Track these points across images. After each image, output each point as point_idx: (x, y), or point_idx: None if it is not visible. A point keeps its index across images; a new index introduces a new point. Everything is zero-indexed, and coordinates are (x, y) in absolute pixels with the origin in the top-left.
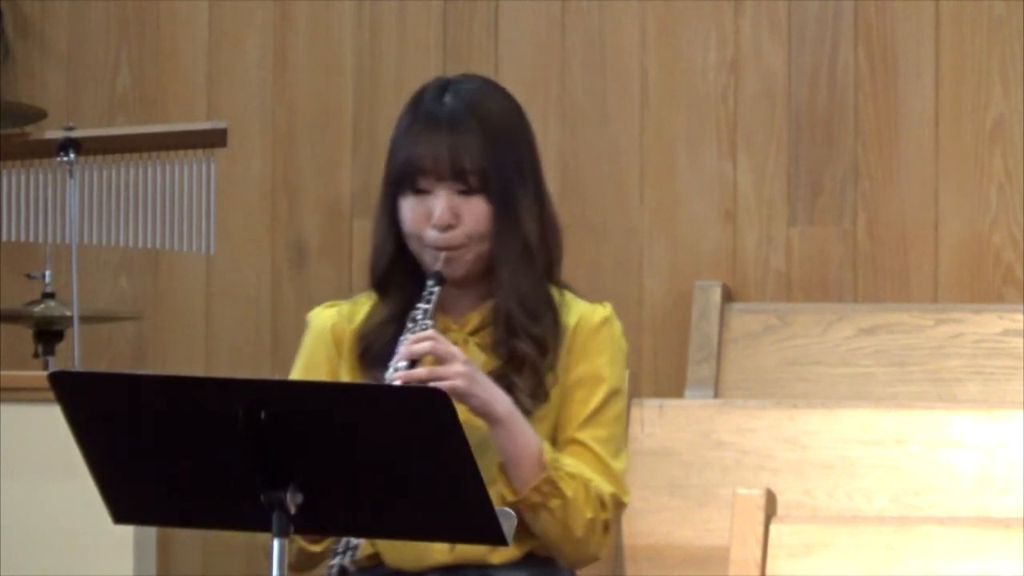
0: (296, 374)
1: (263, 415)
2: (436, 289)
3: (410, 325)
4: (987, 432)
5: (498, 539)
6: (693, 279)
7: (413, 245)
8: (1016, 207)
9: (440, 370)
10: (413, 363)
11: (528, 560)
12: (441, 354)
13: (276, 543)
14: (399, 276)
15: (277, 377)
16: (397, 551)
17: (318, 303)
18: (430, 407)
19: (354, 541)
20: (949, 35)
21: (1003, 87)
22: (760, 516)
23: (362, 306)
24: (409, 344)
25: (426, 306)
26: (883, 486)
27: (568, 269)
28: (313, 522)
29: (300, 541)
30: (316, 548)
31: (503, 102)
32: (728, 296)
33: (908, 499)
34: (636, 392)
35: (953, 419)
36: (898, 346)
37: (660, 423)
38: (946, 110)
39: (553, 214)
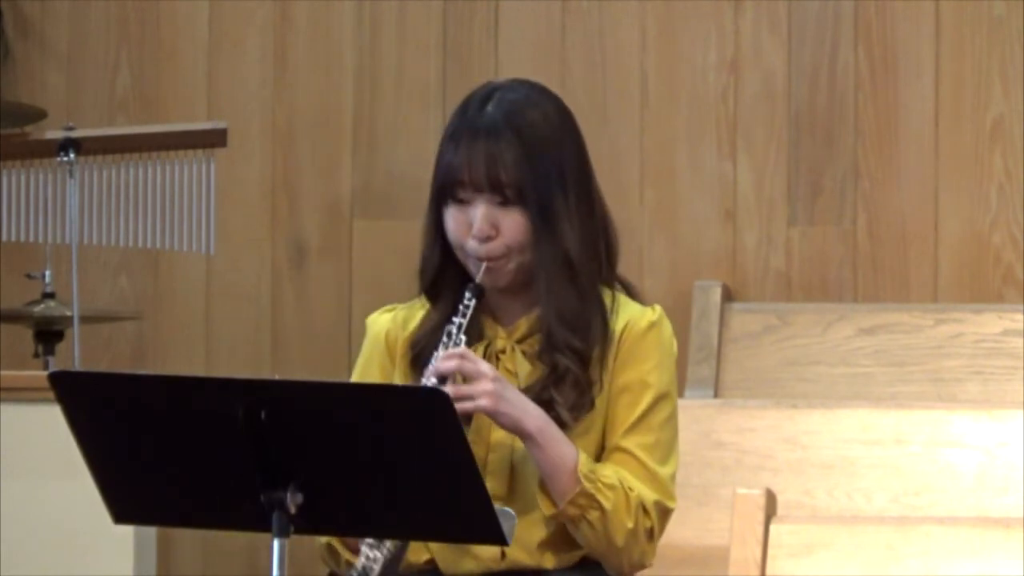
0: (353, 379)
1: (263, 415)
2: (472, 303)
3: (444, 340)
4: (987, 432)
5: (498, 539)
6: (693, 279)
7: (459, 254)
8: (1016, 207)
9: (466, 388)
10: (444, 380)
11: (582, 564)
12: (469, 372)
13: (276, 543)
14: (449, 283)
15: (277, 377)
16: (452, 557)
17: (318, 303)
18: (430, 407)
19: (371, 564)
20: (949, 35)
21: (1003, 87)
22: (760, 516)
23: (417, 311)
24: (439, 362)
25: (461, 320)
26: (883, 486)
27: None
28: (313, 522)
29: (347, 554)
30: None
31: (546, 111)
32: (728, 296)
33: (908, 499)
34: None
35: (953, 419)
36: (898, 346)
37: None
38: (946, 110)
39: (605, 218)
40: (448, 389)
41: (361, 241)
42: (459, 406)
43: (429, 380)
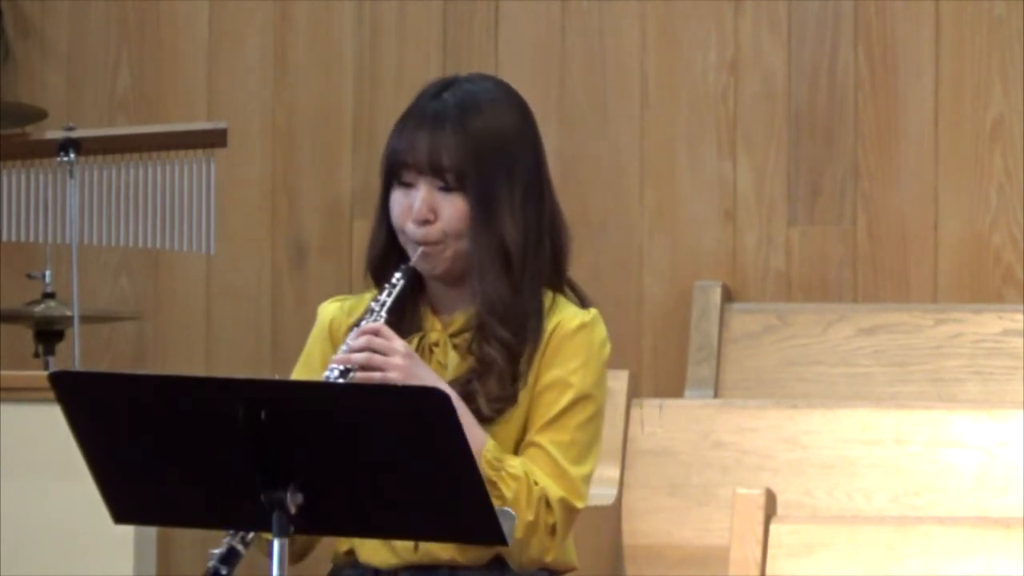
0: (296, 367)
1: (263, 415)
2: (400, 282)
3: (367, 317)
4: (987, 432)
5: (498, 539)
6: (693, 279)
7: (400, 238)
8: (1016, 207)
9: (377, 358)
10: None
11: (498, 561)
12: (379, 348)
13: (276, 543)
14: (392, 266)
15: (277, 377)
16: (370, 547)
17: (318, 303)
18: (430, 407)
19: None
20: (949, 35)
21: (1003, 87)
22: (760, 516)
23: (365, 300)
24: (351, 337)
25: (385, 298)
26: (883, 486)
27: (568, 269)
28: (313, 522)
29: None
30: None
31: (502, 105)
32: (728, 296)
33: (908, 499)
34: (636, 392)
35: (953, 419)
36: (898, 346)
37: (660, 423)
38: (946, 110)
39: (556, 221)
40: (360, 356)
41: (361, 241)
42: (367, 375)
43: (338, 357)
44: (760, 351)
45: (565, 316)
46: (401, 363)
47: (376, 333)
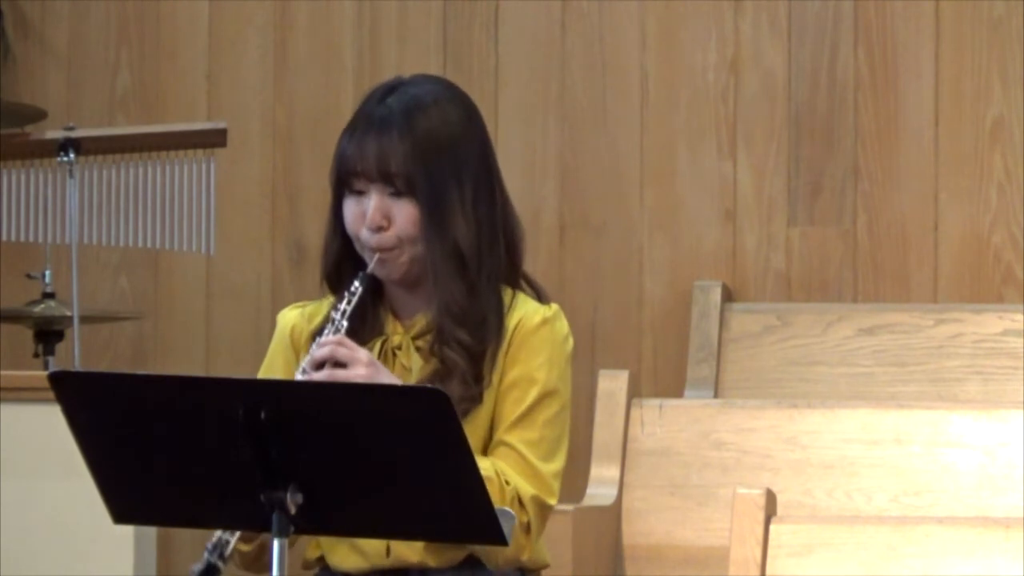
0: (259, 375)
1: (263, 415)
2: (358, 290)
3: (328, 327)
4: (987, 432)
5: (498, 539)
6: (693, 279)
7: (356, 245)
8: (1016, 207)
9: (340, 372)
10: (321, 366)
11: (466, 563)
12: (343, 358)
13: (276, 543)
14: (348, 273)
15: (277, 377)
16: (340, 553)
17: None
18: (430, 407)
19: (226, 537)
20: (949, 35)
21: (1003, 87)
22: (760, 516)
23: (325, 306)
24: (315, 349)
25: (345, 307)
26: (883, 486)
27: (568, 269)
28: (313, 522)
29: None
30: (247, 548)
31: (446, 107)
32: (728, 296)
33: (908, 499)
34: (636, 392)
35: (953, 419)
36: (898, 346)
37: (660, 423)
38: (946, 110)
39: (508, 218)
40: (321, 373)
41: None
42: None
43: (304, 367)
44: (760, 351)
45: (527, 312)
46: (364, 372)
47: (338, 344)
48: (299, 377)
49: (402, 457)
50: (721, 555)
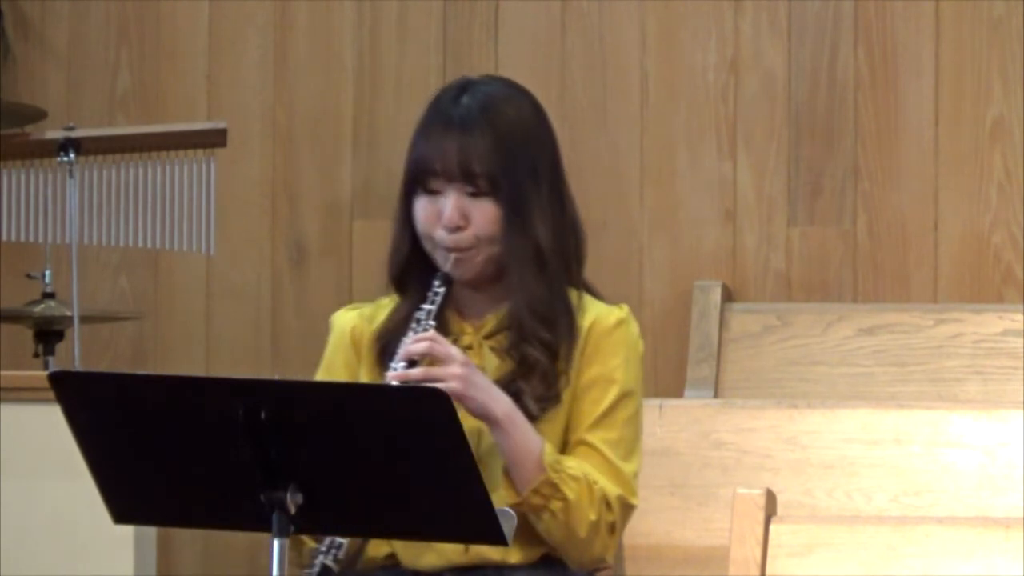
0: (317, 377)
1: (263, 415)
2: (442, 290)
3: (413, 326)
4: (987, 432)
5: (498, 539)
6: (693, 279)
7: (427, 245)
8: (1016, 207)
9: (435, 371)
10: (412, 364)
11: (544, 561)
12: (438, 355)
13: (276, 543)
14: (416, 274)
15: (277, 377)
16: (413, 551)
17: (318, 303)
18: (430, 407)
19: (339, 540)
20: (949, 35)
21: (1003, 87)
22: (760, 516)
23: (383, 308)
24: (408, 345)
25: (430, 307)
26: (883, 486)
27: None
28: (313, 522)
29: (311, 542)
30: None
31: (521, 105)
32: (728, 296)
33: (908, 499)
34: None
35: (953, 419)
36: (898, 346)
37: (660, 423)
38: (946, 110)
39: (575, 218)
40: (417, 371)
41: (361, 241)
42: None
43: (399, 364)
44: (760, 351)
45: (600, 313)
46: (460, 371)
47: (433, 340)
48: (390, 375)
49: (402, 457)
50: (721, 555)
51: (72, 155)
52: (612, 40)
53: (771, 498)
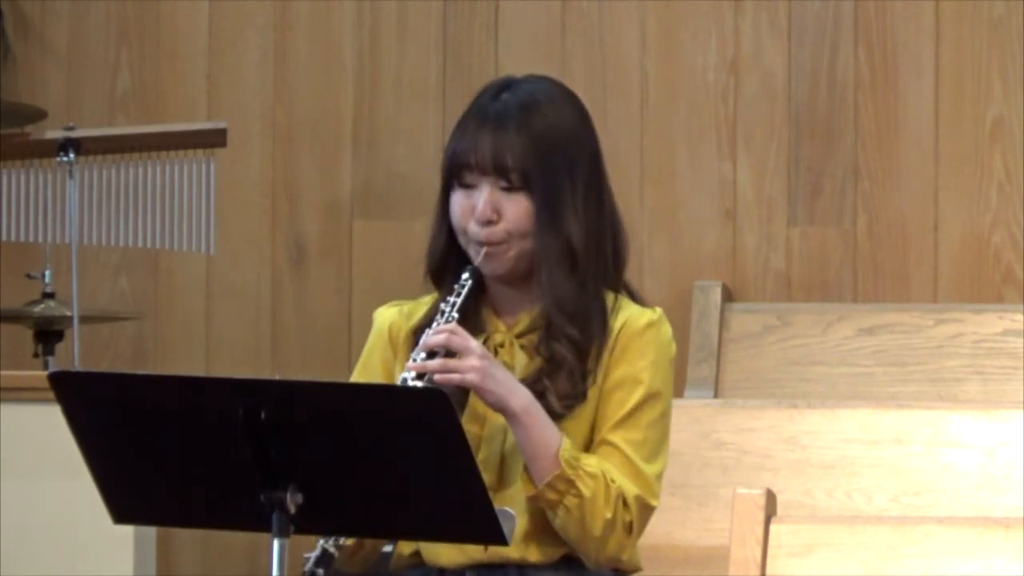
0: (355, 372)
1: (263, 415)
2: (469, 283)
3: (438, 318)
4: (987, 432)
5: (498, 539)
6: (693, 279)
7: (461, 240)
8: (1016, 207)
9: (452, 363)
10: (433, 354)
11: (565, 560)
12: (456, 347)
13: (276, 543)
14: (452, 268)
15: (277, 377)
16: (434, 547)
17: (318, 303)
18: (430, 407)
19: None
20: (949, 35)
21: (1003, 87)
22: (760, 516)
23: (423, 305)
24: (428, 336)
25: (455, 299)
26: (883, 486)
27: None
28: (313, 522)
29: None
30: (348, 540)
31: (561, 104)
32: (728, 296)
33: (908, 499)
34: None
35: (953, 419)
36: (898, 346)
37: None
38: (946, 110)
39: (615, 221)
40: (435, 363)
41: (361, 241)
42: (445, 378)
43: (418, 355)
44: (760, 351)
45: (632, 314)
46: (478, 364)
47: (452, 332)
48: (409, 365)
49: (402, 457)
50: (721, 555)
51: (72, 155)
52: (612, 40)
53: (771, 498)
